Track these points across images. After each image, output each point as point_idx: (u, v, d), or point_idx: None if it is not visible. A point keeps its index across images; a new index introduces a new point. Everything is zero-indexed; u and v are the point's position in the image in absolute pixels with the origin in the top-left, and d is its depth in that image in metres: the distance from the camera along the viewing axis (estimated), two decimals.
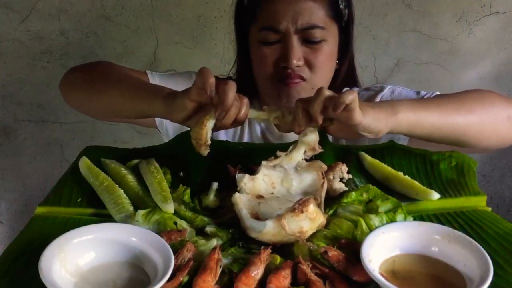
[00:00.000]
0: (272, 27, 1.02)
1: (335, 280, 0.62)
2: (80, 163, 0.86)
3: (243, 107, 0.79)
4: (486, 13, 1.78)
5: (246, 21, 1.09)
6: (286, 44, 1.02)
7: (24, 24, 1.64)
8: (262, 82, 1.11)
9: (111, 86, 0.95)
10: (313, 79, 1.06)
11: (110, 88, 0.95)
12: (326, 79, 1.10)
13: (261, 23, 1.04)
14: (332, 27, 1.05)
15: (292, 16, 1.01)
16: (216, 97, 0.76)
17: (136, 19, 1.68)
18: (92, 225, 0.68)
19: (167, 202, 0.75)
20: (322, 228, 0.72)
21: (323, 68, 1.06)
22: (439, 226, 0.69)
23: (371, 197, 0.79)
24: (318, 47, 1.03)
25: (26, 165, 1.84)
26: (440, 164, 0.89)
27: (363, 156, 0.91)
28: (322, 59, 1.04)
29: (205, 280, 0.60)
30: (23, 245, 0.69)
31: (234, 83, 0.77)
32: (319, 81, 1.07)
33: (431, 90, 1.09)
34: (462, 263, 0.62)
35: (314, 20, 1.01)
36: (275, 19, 1.01)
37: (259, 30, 1.04)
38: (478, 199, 0.81)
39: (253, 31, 1.07)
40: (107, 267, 0.64)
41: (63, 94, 1.07)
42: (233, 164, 0.88)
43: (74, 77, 1.04)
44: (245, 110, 0.79)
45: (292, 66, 1.01)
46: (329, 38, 1.04)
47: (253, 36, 1.07)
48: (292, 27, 1.01)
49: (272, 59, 1.04)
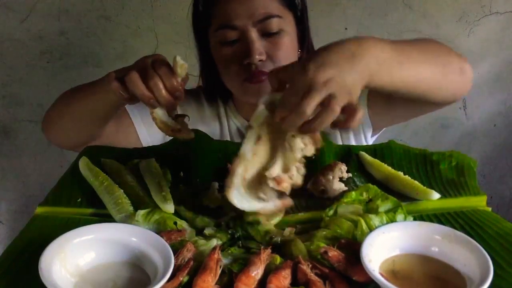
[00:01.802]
0: (228, 24, 1.00)
1: (335, 280, 0.62)
2: (80, 163, 0.86)
3: (164, 77, 0.74)
4: (486, 13, 1.78)
5: (203, 25, 1.08)
6: (245, 40, 1.00)
7: (24, 24, 1.64)
8: (230, 84, 1.09)
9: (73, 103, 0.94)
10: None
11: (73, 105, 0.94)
12: None
13: (217, 23, 1.02)
14: (288, 16, 1.05)
15: (247, 10, 0.99)
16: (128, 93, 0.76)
17: (136, 19, 1.68)
18: (92, 225, 0.68)
19: (167, 202, 0.75)
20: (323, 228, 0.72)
21: (286, 60, 1.03)
22: (439, 226, 0.69)
23: (371, 197, 0.79)
24: (278, 39, 1.02)
25: (26, 165, 1.84)
26: (440, 164, 0.89)
27: (363, 156, 0.91)
28: (284, 50, 1.03)
29: (205, 280, 0.60)
30: (23, 245, 0.69)
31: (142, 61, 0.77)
32: None
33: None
34: (462, 263, 0.62)
35: (270, 10, 1.00)
36: (230, 16, 1.00)
37: (215, 30, 1.03)
38: (478, 199, 0.81)
39: (211, 34, 1.06)
40: (107, 267, 0.64)
41: (48, 134, 1.05)
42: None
43: (50, 115, 1.03)
44: (167, 79, 0.74)
45: (255, 61, 0.99)
46: (287, 28, 1.03)
47: (212, 39, 1.06)
48: (249, 21, 0.99)
49: (234, 58, 1.02)
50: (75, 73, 1.71)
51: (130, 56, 1.70)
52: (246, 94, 1.06)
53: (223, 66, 1.06)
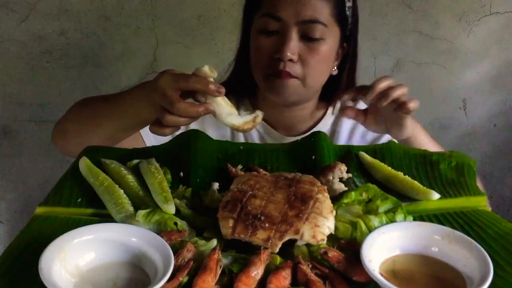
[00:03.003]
0: (273, 14, 1.01)
1: (335, 280, 0.62)
2: (80, 163, 0.86)
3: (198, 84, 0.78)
4: (486, 13, 1.78)
5: (252, 9, 1.08)
6: (283, 35, 1.00)
7: (24, 24, 1.64)
8: (257, 75, 1.09)
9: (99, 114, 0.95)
10: (306, 79, 1.04)
11: (99, 116, 0.95)
12: (320, 81, 1.09)
13: (264, 10, 1.03)
14: (333, 28, 1.04)
15: (295, 6, 0.99)
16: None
17: (136, 19, 1.68)
18: (92, 225, 0.68)
19: (168, 203, 0.75)
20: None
21: (317, 69, 1.04)
22: (439, 226, 0.69)
23: (370, 197, 0.79)
24: (316, 46, 1.02)
25: (26, 165, 1.84)
26: (440, 164, 0.89)
27: (363, 156, 0.91)
28: (318, 59, 1.03)
29: (205, 280, 0.60)
30: (23, 245, 0.69)
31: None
32: (312, 82, 1.06)
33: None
34: (462, 263, 0.62)
35: (318, 15, 1.00)
36: (277, 6, 1.00)
37: (260, 16, 1.04)
38: (478, 199, 0.81)
39: (256, 20, 1.06)
40: (107, 267, 0.64)
41: (59, 146, 1.05)
42: (233, 164, 0.88)
43: (63, 126, 1.02)
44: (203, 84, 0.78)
45: (285, 58, 1.00)
46: (329, 39, 1.03)
47: (254, 25, 1.07)
48: (293, 18, 0.99)
49: (268, 50, 1.03)
50: (75, 73, 1.71)
51: (130, 56, 1.70)
52: (268, 89, 1.07)
53: (255, 54, 1.07)
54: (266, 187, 0.75)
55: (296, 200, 0.71)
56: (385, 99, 0.92)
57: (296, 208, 0.70)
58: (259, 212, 0.69)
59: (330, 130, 1.21)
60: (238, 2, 1.68)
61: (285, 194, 0.73)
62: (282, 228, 0.67)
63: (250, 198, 0.72)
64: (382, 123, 1.03)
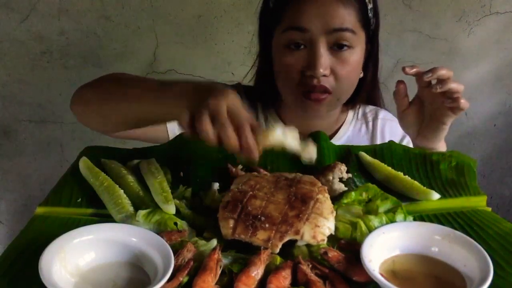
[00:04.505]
0: (298, 25, 0.95)
1: (335, 280, 0.62)
2: (80, 163, 0.86)
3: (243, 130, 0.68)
4: (486, 13, 1.78)
5: (271, 23, 1.03)
6: (313, 50, 0.96)
7: (24, 24, 1.64)
8: (285, 92, 1.05)
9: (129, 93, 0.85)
10: (339, 90, 1.02)
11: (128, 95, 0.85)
12: (351, 90, 1.07)
13: (287, 23, 0.98)
14: (360, 34, 1.01)
15: (323, 16, 0.95)
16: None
17: (136, 19, 1.68)
18: (92, 225, 0.68)
19: (168, 203, 0.75)
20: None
21: (349, 79, 1.01)
22: (439, 226, 0.69)
23: (370, 196, 0.79)
24: (346, 56, 0.98)
25: (26, 165, 1.84)
26: (440, 164, 0.89)
27: (363, 156, 0.91)
28: (349, 69, 0.99)
29: (205, 280, 0.60)
30: (23, 245, 0.69)
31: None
32: (344, 92, 1.04)
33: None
34: (462, 263, 0.62)
35: (346, 22, 0.96)
36: (303, 18, 0.95)
37: (284, 30, 0.98)
38: (478, 199, 0.81)
39: (278, 34, 1.01)
40: (107, 267, 0.64)
41: (77, 114, 0.97)
42: (233, 164, 0.88)
43: (86, 94, 0.94)
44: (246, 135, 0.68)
45: (318, 75, 0.96)
46: (357, 47, 1.00)
47: (277, 40, 1.02)
48: (322, 28, 0.95)
49: (297, 67, 0.98)
50: (75, 73, 1.71)
51: (130, 56, 1.70)
52: (301, 108, 1.03)
53: (283, 71, 1.02)
54: (266, 188, 0.75)
55: (297, 201, 0.71)
56: (441, 86, 0.88)
57: (297, 209, 0.70)
58: (260, 213, 0.69)
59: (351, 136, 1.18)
60: (238, 2, 1.68)
61: (285, 194, 0.73)
62: (282, 229, 0.67)
63: (251, 199, 0.72)
64: (421, 117, 0.98)
